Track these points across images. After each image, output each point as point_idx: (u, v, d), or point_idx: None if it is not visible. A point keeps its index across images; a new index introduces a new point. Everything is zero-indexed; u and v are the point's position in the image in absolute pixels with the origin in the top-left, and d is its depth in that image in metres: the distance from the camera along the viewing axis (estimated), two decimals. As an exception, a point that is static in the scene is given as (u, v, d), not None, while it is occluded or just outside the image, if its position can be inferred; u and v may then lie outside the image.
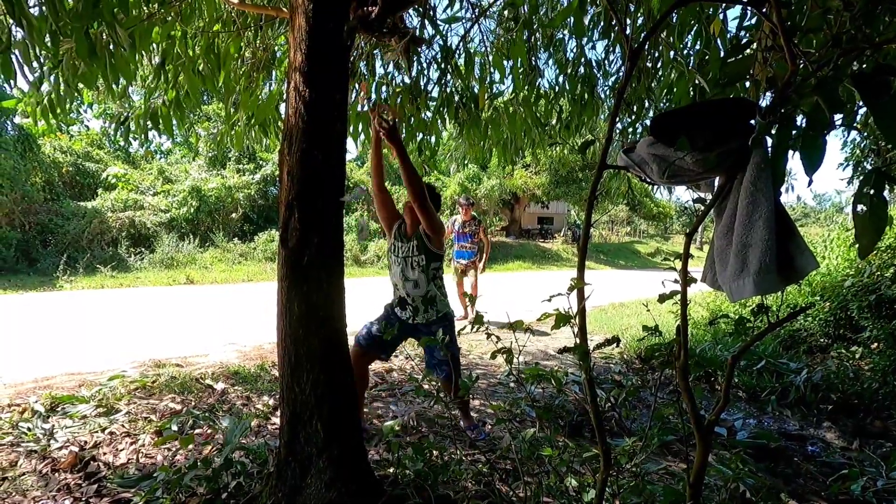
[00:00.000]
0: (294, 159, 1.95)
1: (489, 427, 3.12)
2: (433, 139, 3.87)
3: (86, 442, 2.65)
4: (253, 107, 3.37)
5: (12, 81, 1.97)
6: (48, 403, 3.09)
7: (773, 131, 1.11)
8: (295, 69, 1.96)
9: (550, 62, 3.57)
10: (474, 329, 1.72)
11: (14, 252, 11.80)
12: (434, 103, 3.63)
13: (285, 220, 1.97)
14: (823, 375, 3.97)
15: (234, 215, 16.64)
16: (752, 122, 1.22)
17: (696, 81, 2.81)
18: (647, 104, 3.59)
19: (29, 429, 2.76)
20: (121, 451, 2.58)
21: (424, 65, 3.50)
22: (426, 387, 3.12)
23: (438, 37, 3.37)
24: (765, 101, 1.43)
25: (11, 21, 1.85)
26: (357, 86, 3.40)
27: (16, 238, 11.99)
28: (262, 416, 3.10)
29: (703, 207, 1.33)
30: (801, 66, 1.18)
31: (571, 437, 3.01)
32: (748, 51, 1.55)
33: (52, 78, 2.45)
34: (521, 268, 19.77)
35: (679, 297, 1.32)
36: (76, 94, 2.60)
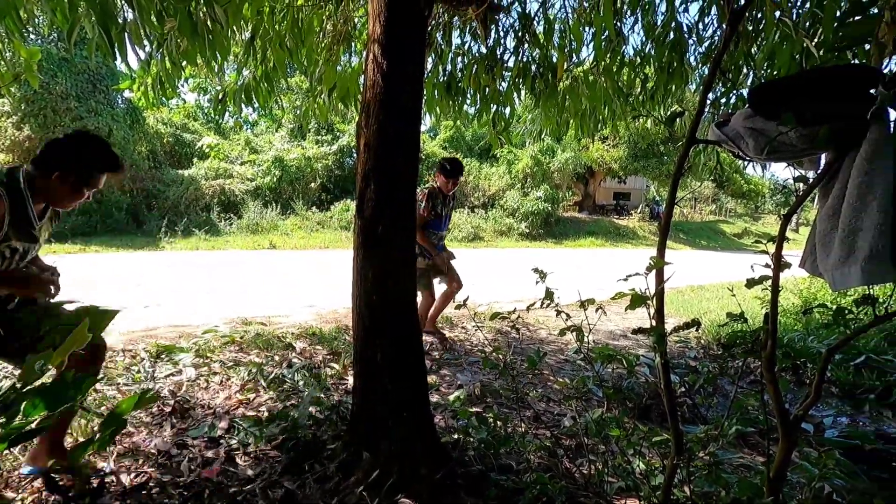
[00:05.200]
0: (371, 131, 2.00)
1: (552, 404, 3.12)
2: (508, 111, 3.80)
3: (182, 386, 2.97)
4: (333, 79, 3.47)
5: (121, 59, 2.15)
6: (154, 351, 3.47)
7: (899, 102, 0.98)
8: (374, 40, 1.99)
9: (637, 27, 3.35)
10: (544, 305, 1.71)
11: (125, 215, 13.19)
12: (510, 73, 3.54)
13: (361, 191, 2.04)
14: (936, 376, 3.56)
15: (312, 185, 17.42)
16: (873, 91, 1.08)
17: (804, 46, 2.52)
18: (744, 72, 3.28)
19: (137, 371, 3.13)
20: (215, 394, 2.87)
21: (501, 33, 3.41)
22: (492, 359, 3.16)
23: (517, 3, 3.26)
24: (889, 68, 1.26)
25: (123, 2, 2.02)
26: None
27: (126, 202, 13.38)
28: (337, 376, 3.30)
29: (804, 186, 1.22)
30: (941, 25, 1.03)
31: (639, 421, 2.94)
32: (873, 9, 1.37)
33: (158, 57, 2.67)
34: (594, 245, 19.17)
35: (769, 282, 1.23)
36: (180, 71, 2.82)
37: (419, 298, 4.12)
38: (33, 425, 0.90)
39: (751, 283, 1.26)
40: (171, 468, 2.07)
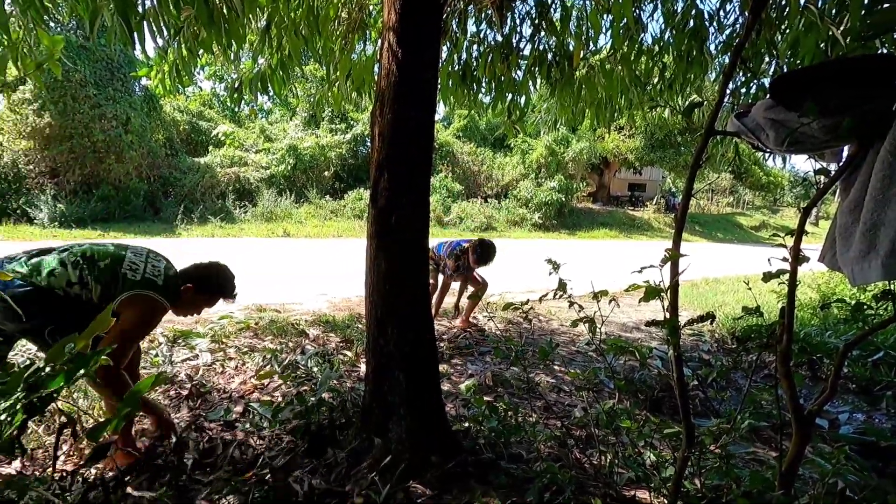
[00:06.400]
0: (385, 121, 2.00)
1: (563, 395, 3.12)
2: (523, 100, 3.76)
3: (199, 370, 3.03)
4: (348, 67, 3.47)
5: (139, 47, 2.18)
6: (171, 336, 3.54)
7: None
8: (388, 28, 1.98)
9: (656, 14, 3.29)
10: (557, 296, 1.71)
11: (142, 201, 13.37)
12: (525, 62, 3.50)
13: (375, 181, 2.04)
14: (957, 374, 3.48)
15: (326, 173, 17.48)
16: (900, 82, 1.05)
17: (829, 34, 2.45)
18: (766, 61, 3.20)
19: (156, 355, 3.20)
20: (231, 379, 2.92)
21: (517, 21, 3.37)
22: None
23: (534, -10, 3.21)
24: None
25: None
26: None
27: (143, 189, 13.56)
28: (350, 363, 3.34)
29: (826, 179, 1.19)
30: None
31: (650, 413, 2.93)
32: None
33: (175, 44, 2.69)
34: (608, 236, 19.01)
35: (786, 276, 1.21)
36: (197, 59, 2.84)
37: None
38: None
39: (768, 277, 1.24)
40: (190, 448, 2.12)
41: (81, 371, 0.82)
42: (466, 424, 2.35)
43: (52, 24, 12.19)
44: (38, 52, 2.19)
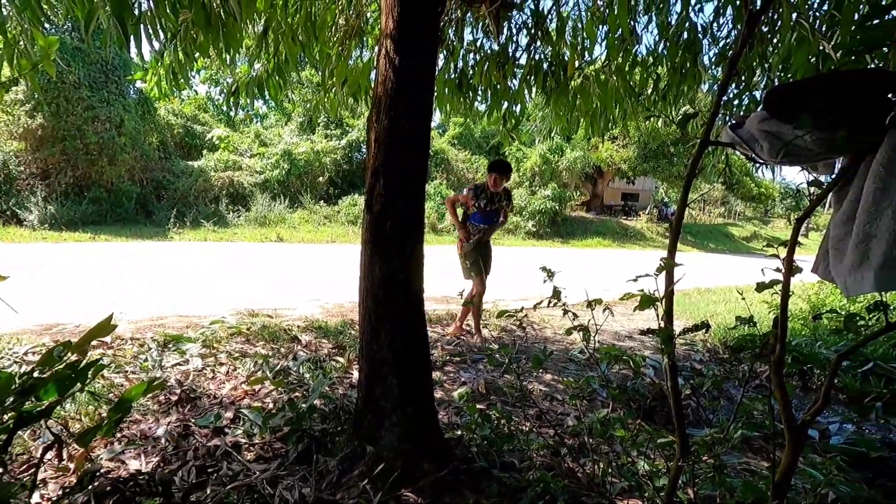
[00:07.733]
0: (381, 126, 2.00)
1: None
2: (518, 108, 3.78)
3: (189, 375, 2.99)
4: (344, 73, 3.47)
5: (135, 50, 2.18)
6: (162, 340, 3.50)
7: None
8: (386, 35, 1.98)
9: (651, 26, 3.33)
10: (551, 304, 1.71)
11: (134, 204, 13.29)
12: (521, 71, 3.53)
13: (371, 186, 2.04)
14: (946, 386, 3.51)
15: (320, 179, 17.46)
16: (891, 97, 1.07)
17: (821, 48, 2.49)
18: (758, 74, 3.25)
19: (145, 360, 3.16)
20: (222, 384, 2.89)
21: (514, 30, 3.40)
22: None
23: (530, 0, 3.24)
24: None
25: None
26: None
27: (136, 192, 13.47)
28: (342, 370, 3.31)
29: (818, 191, 1.21)
30: (963, 30, 1.01)
31: (643, 422, 2.93)
32: (893, 12, 1.35)
33: (171, 48, 2.68)
34: (601, 245, 19.10)
35: (779, 286, 1.22)
36: (193, 62, 2.84)
37: (470, 285, 4.45)
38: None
39: (761, 287, 1.25)
40: (179, 456, 2.09)
41: (77, 385, 0.81)
42: (459, 432, 2.34)
43: (47, 25, 12.16)
44: (33, 52, 2.18)
